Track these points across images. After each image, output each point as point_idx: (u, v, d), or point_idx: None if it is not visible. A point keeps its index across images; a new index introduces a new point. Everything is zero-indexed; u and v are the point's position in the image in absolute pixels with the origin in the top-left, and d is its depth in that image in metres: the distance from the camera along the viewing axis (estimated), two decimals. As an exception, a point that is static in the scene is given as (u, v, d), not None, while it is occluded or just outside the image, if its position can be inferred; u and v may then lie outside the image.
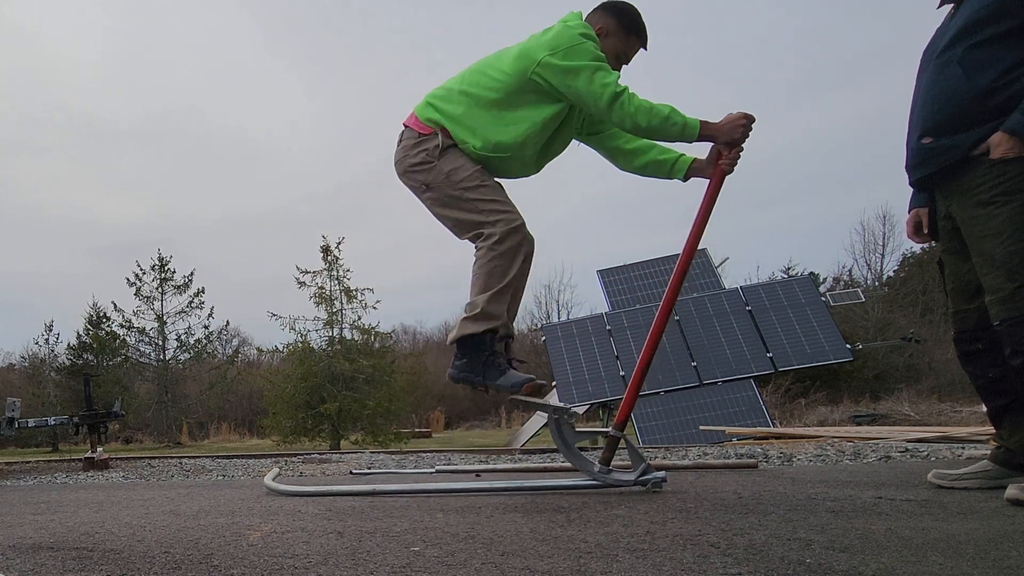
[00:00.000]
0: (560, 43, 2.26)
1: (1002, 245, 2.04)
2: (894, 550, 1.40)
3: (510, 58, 2.35)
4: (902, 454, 4.11)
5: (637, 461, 2.45)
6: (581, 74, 2.23)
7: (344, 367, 17.42)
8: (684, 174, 2.48)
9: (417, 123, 2.43)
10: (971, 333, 2.30)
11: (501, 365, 2.28)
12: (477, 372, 2.27)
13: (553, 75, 2.26)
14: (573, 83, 2.25)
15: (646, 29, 2.47)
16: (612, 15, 2.43)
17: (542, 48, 2.28)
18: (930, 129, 2.21)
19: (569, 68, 2.24)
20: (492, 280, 2.26)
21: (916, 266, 23.23)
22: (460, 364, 2.32)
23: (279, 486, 2.86)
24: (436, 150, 2.35)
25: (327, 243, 18.58)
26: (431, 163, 2.35)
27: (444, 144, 2.35)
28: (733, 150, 2.36)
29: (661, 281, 11.43)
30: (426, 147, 2.37)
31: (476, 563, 1.37)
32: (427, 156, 2.36)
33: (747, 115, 2.33)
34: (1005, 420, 2.28)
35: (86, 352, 22.76)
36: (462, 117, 2.36)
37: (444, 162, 2.34)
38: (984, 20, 2.09)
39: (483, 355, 2.27)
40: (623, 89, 2.23)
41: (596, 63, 2.25)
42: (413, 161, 2.39)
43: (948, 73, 2.15)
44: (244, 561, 1.45)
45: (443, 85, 2.47)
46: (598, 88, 2.22)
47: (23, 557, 1.57)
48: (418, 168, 2.38)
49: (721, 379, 9.37)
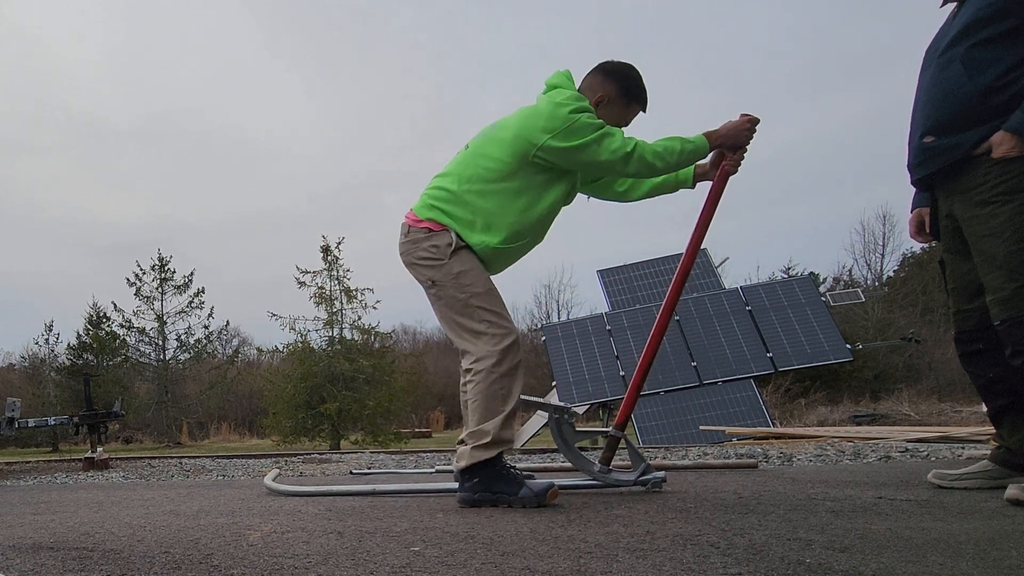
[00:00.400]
0: (556, 125, 2.22)
1: (1003, 245, 2.04)
2: (894, 550, 1.40)
3: (506, 143, 2.30)
4: (902, 454, 4.11)
5: (637, 461, 2.45)
6: (587, 149, 2.23)
7: (344, 367, 17.43)
8: (691, 182, 2.52)
9: (422, 223, 2.36)
10: (972, 333, 2.30)
11: (516, 477, 2.21)
12: (495, 490, 2.18)
13: (558, 156, 2.26)
14: (581, 158, 2.25)
15: (647, 92, 2.44)
16: (613, 81, 2.39)
17: (538, 132, 2.24)
18: (932, 128, 2.21)
19: (572, 148, 2.23)
20: (496, 404, 2.20)
21: (916, 266, 23.23)
22: (472, 486, 2.20)
23: (279, 486, 2.86)
24: (448, 248, 2.29)
25: (327, 243, 18.60)
26: (441, 261, 2.30)
27: (457, 245, 2.30)
28: (738, 152, 2.39)
29: (661, 281, 11.43)
30: (436, 242, 2.32)
31: (476, 563, 1.37)
32: (437, 252, 2.31)
33: (751, 118, 2.36)
34: (1005, 420, 2.28)
35: (86, 352, 22.77)
36: (474, 220, 2.31)
37: (455, 262, 2.30)
38: (986, 19, 2.08)
39: (495, 471, 2.20)
40: (632, 146, 2.23)
41: (598, 133, 2.23)
42: (422, 255, 2.34)
43: (950, 72, 2.15)
44: (244, 561, 1.45)
45: (440, 184, 2.38)
46: (608, 156, 2.23)
47: (23, 557, 1.57)
48: (426, 263, 2.33)
49: (721, 379, 9.37)
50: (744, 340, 9.60)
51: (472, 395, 2.25)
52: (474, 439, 2.21)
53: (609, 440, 2.49)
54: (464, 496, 2.22)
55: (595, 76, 2.42)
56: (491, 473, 2.19)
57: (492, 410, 2.20)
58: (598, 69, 2.43)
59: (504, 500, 2.16)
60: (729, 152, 2.39)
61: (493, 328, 2.26)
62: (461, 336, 2.32)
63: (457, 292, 2.29)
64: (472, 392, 2.25)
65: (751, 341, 9.57)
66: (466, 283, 2.29)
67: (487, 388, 2.21)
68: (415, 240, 2.37)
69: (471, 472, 2.21)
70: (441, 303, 2.35)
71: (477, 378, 2.23)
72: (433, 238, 2.33)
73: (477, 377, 2.23)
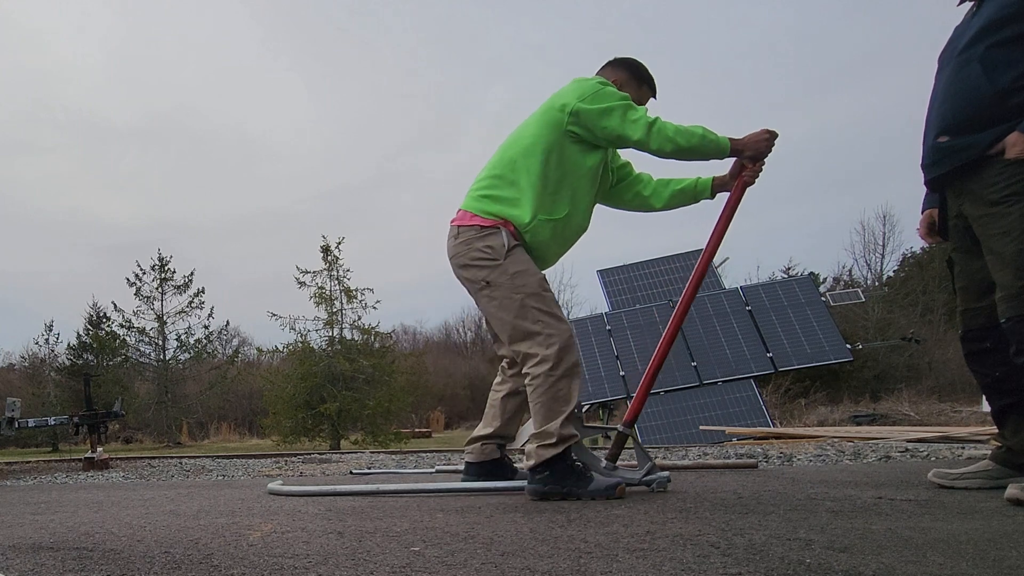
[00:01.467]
0: (585, 91, 2.34)
1: (1012, 243, 2.04)
2: (894, 550, 1.40)
3: (538, 119, 2.41)
4: (902, 454, 4.12)
5: (643, 460, 2.46)
6: (615, 112, 2.32)
7: (344, 367, 17.43)
8: (710, 192, 2.57)
9: (475, 218, 2.41)
10: (978, 332, 2.30)
11: (584, 471, 2.27)
12: (565, 484, 2.24)
13: (588, 119, 2.33)
14: (608, 123, 2.32)
15: (654, 79, 2.59)
16: (622, 68, 2.55)
17: (570, 97, 2.35)
18: (947, 128, 2.20)
19: (602, 110, 2.32)
20: (558, 405, 2.26)
21: (916, 266, 23.24)
22: (543, 479, 2.27)
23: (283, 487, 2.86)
24: (503, 248, 2.33)
25: (327, 243, 18.60)
26: (497, 262, 2.33)
27: (510, 244, 2.34)
28: (757, 164, 2.46)
29: (661, 281, 11.43)
30: (491, 243, 2.35)
31: (476, 563, 1.37)
32: (493, 253, 2.34)
33: (771, 131, 2.43)
34: (1009, 419, 2.27)
35: (86, 352, 22.76)
36: (519, 198, 2.36)
37: (510, 262, 2.33)
38: (1006, 19, 2.07)
39: (565, 466, 2.26)
40: (655, 118, 2.32)
41: (625, 102, 2.34)
42: (476, 255, 2.36)
43: (968, 72, 2.14)
44: (244, 561, 1.45)
45: (483, 176, 2.48)
46: (632, 122, 2.31)
47: (23, 557, 1.56)
48: (481, 263, 2.35)
49: (721, 379, 9.37)
50: (744, 340, 9.61)
51: (533, 398, 2.29)
52: (539, 439, 2.27)
53: (617, 437, 2.50)
54: (535, 488, 2.28)
55: (606, 68, 2.57)
56: (561, 468, 2.25)
57: (554, 411, 2.26)
58: (607, 63, 2.58)
59: (573, 494, 2.22)
60: (749, 163, 2.46)
61: (548, 328, 2.29)
62: (515, 338, 2.34)
63: (512, 292, 2.32)
64: (533, 396, 2.29)
65: (751, 341, 9.57)
66: (520, 283, 2.32)
67: (547, 391, 2.26)
68: (467, 240, 2.40)
69: (541, 467, 2.27)
70: (495, 304, 2.37)
71: (536, 382, 2.28)
72: (487, 238, 2.37)
73: (536, 381, 2.28)
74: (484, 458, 2.65)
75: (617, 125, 2.32)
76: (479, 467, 2.66)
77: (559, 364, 2.26)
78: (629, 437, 2.49)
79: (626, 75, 2.52)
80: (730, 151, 2.38)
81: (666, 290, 11.26)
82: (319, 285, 18.57)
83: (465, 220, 2.44)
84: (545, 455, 2.25)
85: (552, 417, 2.26)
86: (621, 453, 2.54)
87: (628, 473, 2.47)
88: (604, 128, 2.34)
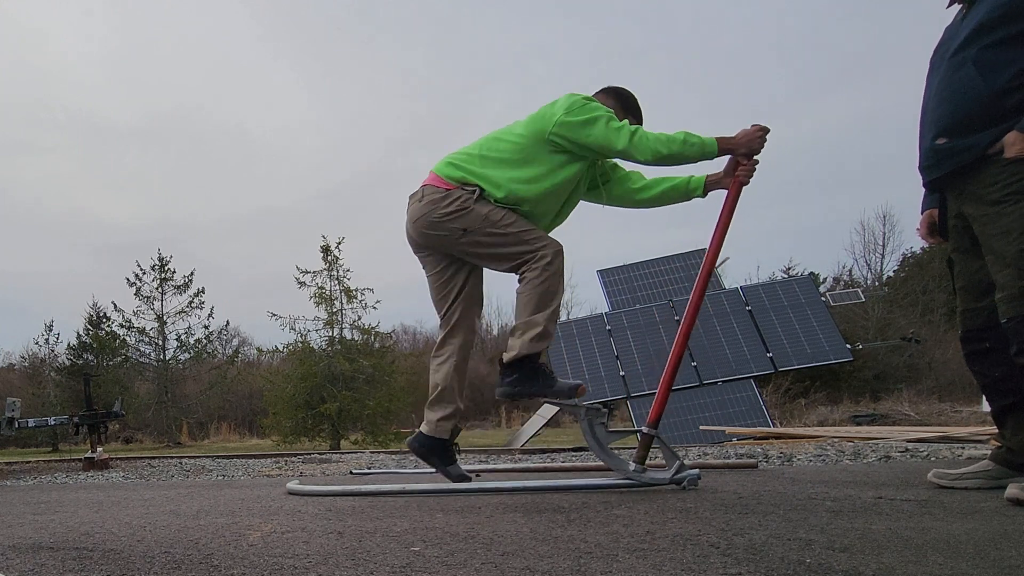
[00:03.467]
0: (573, 105, 2.44)
1: (1013, 243, 2.04)
2: (894, 550, 1.40)
3: (523, 123, 2.52)
4: (902, 454, 4.12)
5: (671, 459, 2.47)
6: (598, 122, 2.41)
7: (344, 367, 17.42)
8: (703, 190, 2.62)
9: (442, 180, 2.51)
10: (978, 332, 2.30)
11: (550, 374, 2.43)
12: (533, 386, 2.41)
13: (571, 131, 2.42)
14: (592, 131, 2.41)
15: (641, 111, 2.68)
16: (612, 97, 2.65)
17: (557, 110, 2.44)
18: (945, 130, 2.20)
19: (586, 120, 2.41)
20: (547, 299, 2.39)
21: (916, 266, 23.24)
22: (513, 380, 2.42)
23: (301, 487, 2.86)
24: (471, 198, 2.44)
25: (327, 243, 18.59)
26: (467, 209, 2.44)
27: (477, 194, 2.46)
28: (751, 161, 2.49)
29: (661, 281, 11.43)
30: (457, 197, 2.46)
31: (476, 563, 1.37)
32: (461, 204, 2.44)
33: (763, 127, 2.46)
34: (1009, 420, 2.27)
35: (86, 352, 22.75)
36: (485, 174, 2.48)
37: (479, 206, 2.44)
38: (998, 20, 2.07)
39: (534, 368, 2.41)
40: (637, 127, 2.41)
41: (608, 114, 2.44)
42: (445, 211, 2.46)
43: (962, 74, 2.14)
44: (244, 561, 1.45)
45: (460, 151, 2.58)
46: (615, 131, 2.40)
47: (23, 557, 1.56)
48: (452, 216, 2.45)
49: (721, 379, 9.36)
50: (744, 340, 9.60)
51: (525, 291, 2.41)
52: (526, 328, 2.39)
53: (643, 439, 2.50)
54: (504, 391, 2.43)
55: (598, 94, 2.65)
56: (529, 369, 2.41)
57: (544, 303, 2.39)
58: (600, 90, 2.67)
59: (540, 393, 2.40)
60: (743, 159, 2.49)
61: (538, 243, 2.42)
62: (508, 262, 2.47)
63: (490, 227, 2.42)
64: (525, 288, 2.41)
65: (751, 341, 9.57)
66: (496, 218, 2.43)
67: (540, 284, 2.38)
68: (433, 201, 2.49)
69: (512, 367, 2.41)
70: (478, 245, 2.47)
71: (530, 275, 2.40)
72: (452, 194, 2.47)
73: (531, 274, 2.40)
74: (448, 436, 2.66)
75: (600, 134, 2.40)
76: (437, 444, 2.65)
77: (553, 262, 2.39)
78: (655, 438, 2.49)
79: (615, 103, 2.61)
80: (722, 150, 2.43)
81: (666, 290, 11.26)
82: (319, 285, 18.57)
83: (432, 180, 2.54)
84: (530, 349, 2.37)
85: (539, 308, 2.38)
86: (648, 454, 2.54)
87: (657, 473, 2.47)
88: (588, 136, 2.42)
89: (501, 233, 2.42)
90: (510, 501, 2.29)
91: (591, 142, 2.43)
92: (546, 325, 2.38)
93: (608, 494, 2.39)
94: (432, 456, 2.63)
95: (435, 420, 2.63)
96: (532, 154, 2.47)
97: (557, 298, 2.42)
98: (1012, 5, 2.05)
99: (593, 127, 2.41)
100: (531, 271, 2.41)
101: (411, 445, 2.66)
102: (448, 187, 2.48)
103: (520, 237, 2.43)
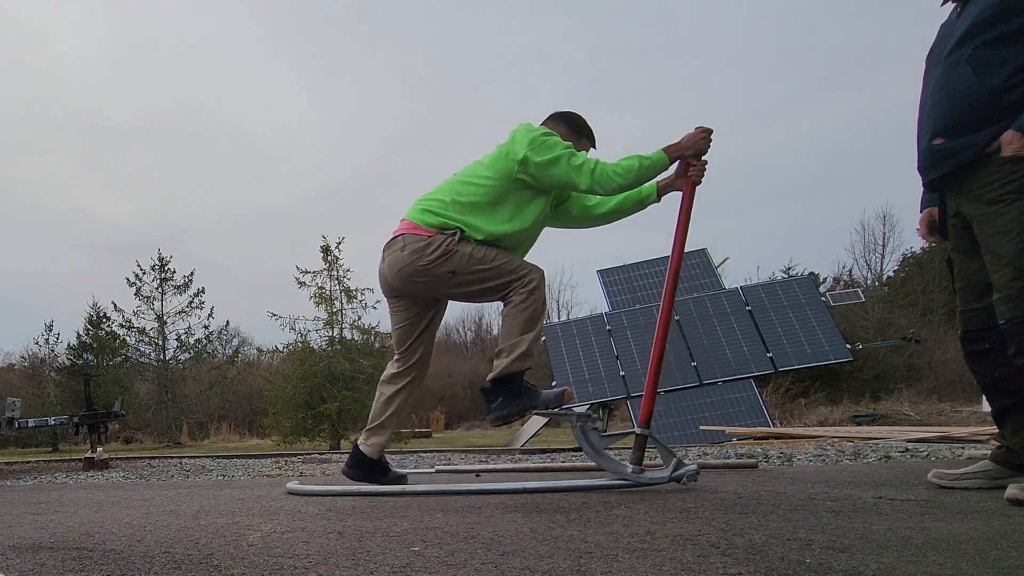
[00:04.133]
0: (534, 142, 2.52)
1: (1010, 243, 2.04)
2: (894, 550, 1.40)
3: (487, 164, 2.61)
4: (902, 454, 4.12)
5: (668, 457, 2.49)
6: (560, 163, 2.50)
7: (344, 367, 17.41)
8: (656, 195, 2.73)
9: (421, 228, 2.58)
10: (978, 332, 2.29)
11: (532, 388, 2.52)
12: (519, 403, 2.48)
13: (536, 170, 2.52)
14: (555, 172, 2.51)
15: (592, 131, 2.78)
16: (562, 122, 2.74)
17: (518, 148, 2.53)
18: (942, 130, 2.20)
19: (548, 161, 2.50)
20: (532, 323, 2.50)
21: (916, 266, 23.23)
22: (500, 403, 2.50)
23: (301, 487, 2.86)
24: (454, 240, 2.52)
25: (327, 243, 18.58)
26: (452, 252, 2.52)
27: (458, 235, 2.54)
28: (700, 162, 2.58)
29: (661, 281, 11.42)
30: (441, 242, 2.53)
31: (476, 563, 1.37)
32: (446, 248, 2.52)
33: (707, 128, 2.56)
34: (1008, 420, 2.27)
35: (86, 352, 22.73)
36: (464, 220, 2.55)
37: (463, 247, 2.53)
38: (993, 19, 2.07)
39: (516, 387, 2.50)
40: (595, 163, 2.50)
41: (568, 151, 2.53)
42: (432, 258, 2.53)
43: (958, 73, 2.14)
44: (244, 561, 1.45)
45: (430, 197, 2.65)
46: (576, 171, 2.49)
47: (23, 557, 1.56)
48: (438, 262, 2.52)
49: (721, 379, 9.36)
50: (744, 340, 9.60)
51: (511, 313, 2.51)
52: (512, 349, 2.48)
53: (637, 439, 2.51)
54: (495, 416, 2.50)
55: (548, 121, 2.75)
56: (511, 390, 2.49)
57: (530, 326, 2.49)
58: (550, 116, 2.76)
59: (529, 407, 2.47)
60: (693, 160, 2.58)
61: (522, 270, 2.53)
62: (496, 294, 2.56)
63: (477, 265, 2.52)
64: (511, 312, 2.51)
65: (751, 341, 9.57)
66: (480, 255, 2.52)
67: (525, 308, 2.50)
68: (417, 250, 2.55)
69: (495, 391, 2.50)
70: (467, 284, 2.55)
71: (517, 299, 2.51)
72: (435, 240, 2.54)
73: (517, 298, 2.51)
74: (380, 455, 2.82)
75: (563, 174, 2.51)
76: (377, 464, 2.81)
77: (539, 287, 2.52)
78: (649, 437, 2.51)
79: (565, 128, 2.70)
80: (672, 158, 2.53)
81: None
82: (319, 285, 18.54)
83: (410, 229, 2.59)
84: (513, 368, 2.47)
85: (527, 330, 2.49)
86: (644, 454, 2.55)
87: (656, 472, 2.48)
88: (551, 176, 2.52)
89: (487, 268, 2.52)
90: (510, 501, 2.29)
91: (554, 182, 2.54)
92: (530, 346, 2.49)
93: (608, 494, 2.38)
94: (374, 475, 2.77)
95: (381, 444, 2.79)
96: (502, 194, 2.56)
97: (541, 321, 2.52)
98: (1005, 3, 2.05)
99: (556, 167, 2.50)
100: (517, 295, 2.51)
101: (351, 473, 2.77)
102: (429, 234, 2.55)
103: (505, 268, 2.53)
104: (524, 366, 2.48)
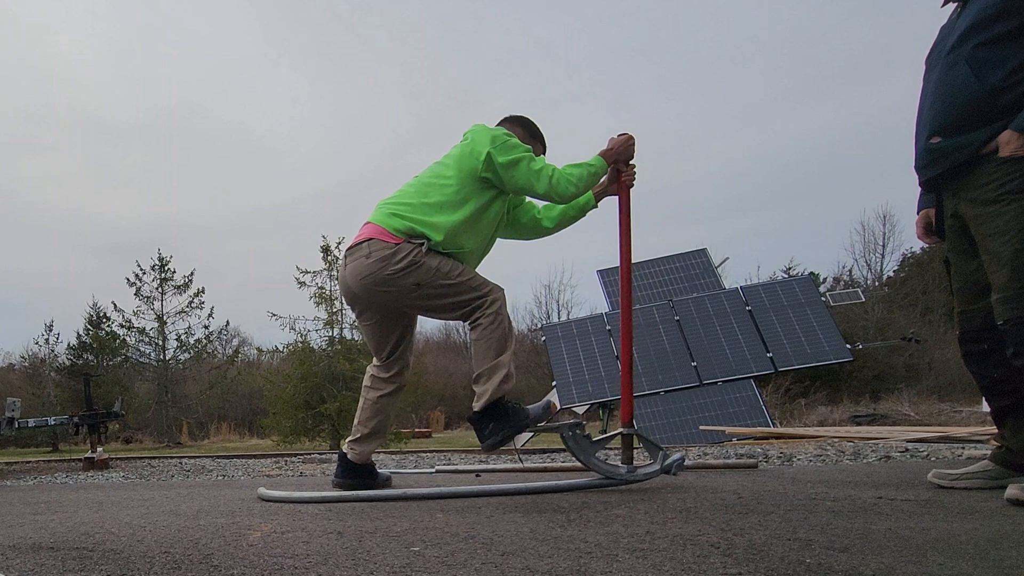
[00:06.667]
0: (496, 141, 2.52)
1: (1008, 244, 2.04)
2: (894, 550, 1.40)
3: (450, 165, 2.58)
4: (902, 454, 4.12)
5: (654, 452, 2.54)
6: (521, 164, 2.51)
7: (344, 367, 17.41)
8: (594, 202, 2.80)
9: (387, 234, 2.51)
10: (976, 333, 2.29)
11: (518, 406, 2.49)
12: (510, 425, 2.44)
13: (499, 169, 2.51)
14: (515, 175, 2.51)
15: (544, 136, 2.81)
16: (518, 125, 2.76)
17: (480, 147, 2.52)
18: (939, 129, 2.20)
19: (509, 162, 2.50)
20: (504, 342, 2.48)
21: (916, 266, 23.22)
22: (493, 428, 2.45)
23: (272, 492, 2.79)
24: (421, 251, 2.47)
25: (327, 243, 18.58)
26: (419, 263, 2.46)
27: (427, 247, 2.49)
28: (629, 167, 2.68)
29: (661, 281, 11.44)
30: (408, 252, 2.47)
31: (476, 563, 1.37)
32: (413, 259, 2.46)
33: (629, 135, 2.67)
34: (1008, 420, 2.27)
35: (86, 352, 22.74)
36: (431, 221, 2.51)
37: (430, 259, 2.48)
38: (991, 18, 2.07)
39: (504, 409, 2.45)
40: (553, 169, 2.52)
41: (528, 154, 2.54)
42: (398, 267, 2.46)
43: (956, 72, 2.14)
44: (244, 561, 1.45)
45: (395, 200, 2.60)
46: (535, 175, 2.51)
47: (23, 557, 1.56)
48: (405, 272, 2.47)
49: (721, 379, 9.37)
50: (744, 340, 9.60)
51: (483, 336, 2.47)
52: (491, 372, 2.45)
53: (623, 440, 2.53)
54: (491, 443, 2.46)
55: (504, 123, 2.76)
56: (501, 412, 2.45)
57: (504, 346, 2.47)
58: (504, 119, 2.78)
59: (521, 427, 2.44)
60: (623, 166, 2.66)
61: (484, 288, 2.51)
62: (459, 310, 2.52)
63: (442, 279, 2.48)
64: (483, 335, 2.47)
65: (751, 341, 9.57)
66: (446, 270, 2.49)
67: (496, 329, 2.47)
68: (383, 258, 2.49)
69: (485, 417, 2.45)
70: (430, 298, 2.52)
71: (485, 321, 2.47)
72: (402, 250, 2.48)
73: (485, 320, 2.47)
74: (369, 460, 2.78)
75: (523, 177, 2.51)
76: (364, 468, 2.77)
77: (503, 307, 2.51)
78: (634, 436, 2.54)
79: (521, 131, 2.72)
80: (608, 164, 2.61)
81: (666, 290, 11.26)
82: (319, 285, 18.55)
83: (376, 234, 2.53)
84: (500, 392, 2.43)
85: (502, 351, 2.47)
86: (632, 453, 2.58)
87: (647, 468, 2.52)
88: (512, 179, 2.52)
89: (451, 283, 2.48)
90: (510, 501, 2.29)
91: (512, 184, 2.53)
92: (510, 367, 2.46)
93: (608, 494, 2.38)
94: (368, 480, 2.74)
95: (370, 451, 2.75)
96: (467, 194, 2.54)
97: (512, 338, 2.51)
98: (1004, 3, 2.05)
99: (517, 169, 2.50)
100: (485, 318, 2.48)
101: (345, 483, 2.69)
102: (396, 241, 2.49)
103: (469, 284, 2.50)
104: (507, 388, 2.45)
